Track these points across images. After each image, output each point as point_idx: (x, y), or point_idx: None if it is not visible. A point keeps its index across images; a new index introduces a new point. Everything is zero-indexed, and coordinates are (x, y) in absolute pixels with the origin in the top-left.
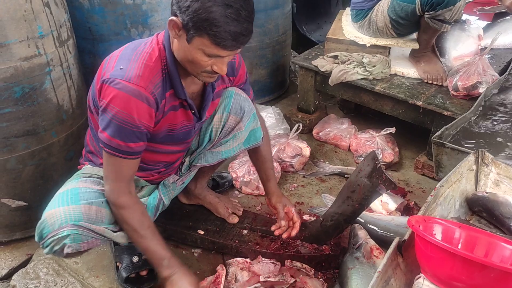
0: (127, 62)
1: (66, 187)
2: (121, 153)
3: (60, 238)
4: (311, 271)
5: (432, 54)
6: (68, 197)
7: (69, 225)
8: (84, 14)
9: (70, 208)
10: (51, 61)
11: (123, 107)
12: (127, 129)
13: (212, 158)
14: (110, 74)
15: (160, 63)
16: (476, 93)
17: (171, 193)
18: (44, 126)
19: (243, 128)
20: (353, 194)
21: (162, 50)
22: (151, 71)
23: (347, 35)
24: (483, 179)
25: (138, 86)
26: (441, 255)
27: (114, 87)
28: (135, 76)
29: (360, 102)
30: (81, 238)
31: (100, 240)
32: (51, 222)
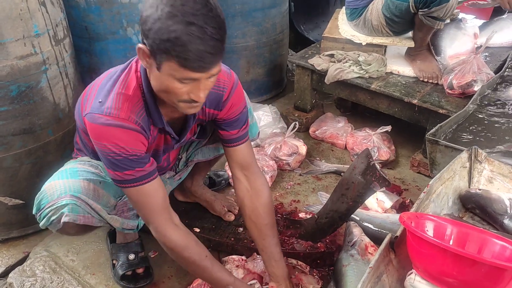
0: (106, 94)
1: (64, 167)
2: (136, 181)
3: (59, 207)
4: (306, 268)
5: (427, 53)
6: (67, 173)
7: (68, 195)
8: (81, 13)
9: (70, 181)
10: (47, 60)
11: (108, 141)
12: (124, 159)
13: (209, 153)
14: (91, 109)
15: (139, 91)
16: (471, 91)
17: (168, 188)
18: (40, 124)
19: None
20: (348, 191)
21: (139, 78)
22: (130, 101)
23: (343, 33)
24: (476, 176)
25: (119, 119)
26: (432, 251)
27: (95, 123)
28: (115, 108)
29: (356, 100)
30: (79, 210)
31: (96, 219)
32: (50, 193)
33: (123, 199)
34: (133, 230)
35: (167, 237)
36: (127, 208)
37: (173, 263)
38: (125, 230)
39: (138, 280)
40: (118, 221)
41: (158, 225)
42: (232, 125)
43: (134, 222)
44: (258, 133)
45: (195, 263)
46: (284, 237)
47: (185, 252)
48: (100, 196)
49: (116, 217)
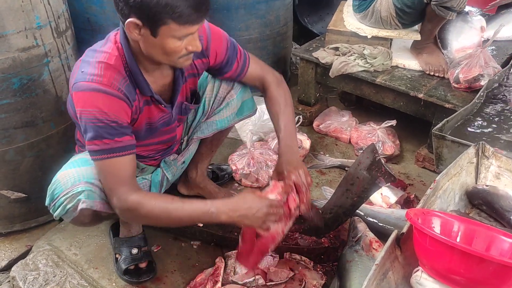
0: (88, 65)
1: (73, 158)
2: (112, 152)
3: (74, 194)
4: (310, 264)
5: (434, 46)
6: (78, 162)
7: (83, 182)
8: (83, 5)
9: (82, 169)
10: (49, 52)
11: (91, 106)
12: (106, 126)
13: (208, 129)
14: (75, 80)
15: (121, 62)
16: (478, 86)
17: (174, 169)
18: (42, 117)
19: (234, 95)
20: (352, 186)
21: (121, 49)
22: (112, 70)
23: (348, 26)
24: (484, 172)
25: (101, 84)
26: (439, 248)
27: (79, 91)
28: (97, 75)
29: (361, 94)
30: (95, 196)
31: (108, 205)
32: (64, 182)
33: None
34: None
35: (130, 199)
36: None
37: (176, 258)
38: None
39: (141, 274)
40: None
41: (122, 193)
42: (228, 62)
43: None
44: (255, 108)
45: (167, 209)
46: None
47: (150, 204)
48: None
49: None
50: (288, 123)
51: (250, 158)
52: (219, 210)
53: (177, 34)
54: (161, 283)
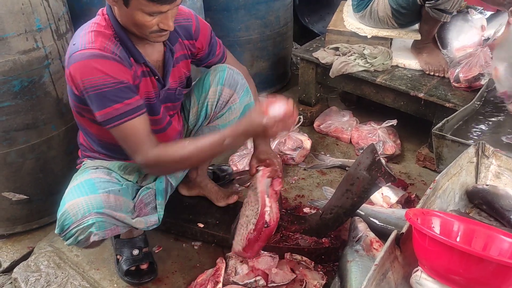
0: (78, 37)
1: (78, 180)
2: (125, 116)
3: (86, 227)
4: (311, 264)
5: (433, 46)
6: (85, 188)
7: (93, 214)
8: (83, 7)
9: (91, 198)
10: (49, 54)
11: (92, 72)
12: (112, 89)
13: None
14: (68, 55)
15: (110, 30)
16: (478, 85)
17: (177, 174)
18: (43, 119)
19: (237, 100)
20: (352, 187)
21: (108, 20)
22: (103, 36)
23: (348, 26)
24: (484, 171)
25: (95, 49)
26: (438, 248)
27: (75, 62)
28: (89, 42)
29: (362, 94)
30: (105, 226)
31: (121, 227)
32: (74, 213)
33: (138, 197)
34: (156, 224)
35: (151, 156)
36: (143, 204)
37: (177, 259)
38: (150, 227)
39: (142, 275)
40: (142, 222)
41: (143, 152)
42: (213, 48)
43: (154, 216)
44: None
45: (185, 153)
46: (288, 232)
47: (169, 153)
48: (122, 204)
49: (139, 219)
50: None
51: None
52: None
53: (146, 9)
54: (162, 284)
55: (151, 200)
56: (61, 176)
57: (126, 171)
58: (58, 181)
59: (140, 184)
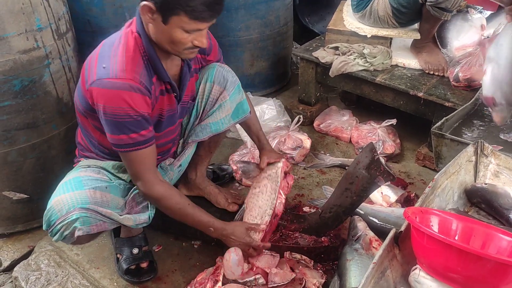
0: (108, 60)
1: (67, 178)
2: (138, 145)
3: (70, 222)
4: (310, 263)
5: (433, 45)
6: (72, 185)
7: (77, 209)
8: (83, 7)
9: (76, 193)
10: (50, 54)
11: (118, 104)
12: (132, 121)
13: (202, 132)
14: (96, 76)
15: (139, 52)
16: (478, 84)
17: (170, 174)
18: (44, 119)
19: (227, 97)
20: (352, 186)
21: (138, 38)
22: (133, 61)
23: (348, 26)
24: (483, 170)
25: (126, 80)
26: (436, 247)
27: (103, 88)
28: (120, 70)
29: (361, 93)
30: (90, 221)
31: (108, 223)
32: (59, 208)
33: (130, 195)
34: (146, 223)
35: (155, 190)
36: (135, 202)
37: (177, 258)
38: (139, 225)
39: (142, 274)
40: (130, 219)
41: (147, 180)
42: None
43: (145, 215)
44: (250, 110)
45: (180, 210)
46: (287, 231)
47: (171, 201)
48: (109, 200)
49: (128, 216)
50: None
51: (250, 158)
52: (215, 230)
53: (186, 27)
54: (162, 282)
55: (143, 200)
56: (61, 175)
57: (120, 170)
58: (58, 180)
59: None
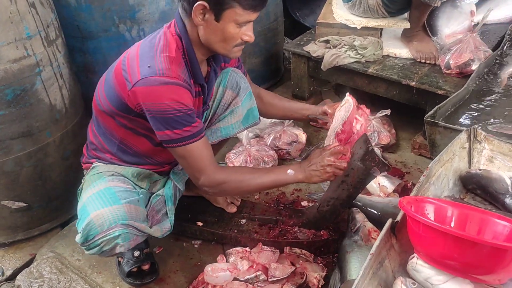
0: (152, 59)
1: (97, 187)
2: (194, 137)
3: (111, 238)
4: (310, 257)
5: (423, 33)
6: (107, 197)
7: (119, 225)
8: (72, 12)
9: (115, 208)
10: (40, 62)
11: (168, 98)
12: (183, 114)
13: (212, 136)
14: (141, 75)
15: (180, 53)
16: (469, 71)
17: (183, 178)
18: (38, 127)
19: (239, 103)
20: (348, 178)
21: (178, 41)
22: (175, 62)
23: (337, 18)
24: (476, 156)
25: (173, 77)
26: (432, 235)
27: (154, 85)
28: (166, 69)
29: (354, 85)
30: (129, 237)
31: (140, 237)
32: (99, 223)
33: (150, 205)
34: (169, 230)
35: (215, 180)
36: (155, 211)
37: (178, 258)
38: (164, 235)
39: (144, 276)
40: (158, 230)
41: (209, 173)
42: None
43: (167, 223)
44: (259, 117)
45: (251, 177)
46: (286, 226)
47: (237, 175)
48: (140, 213)
49: (156, 227)
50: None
51: (247, 155)
52: (295, 170)
53: (240, 19)
54: (164, 283)
55: (162, 207)
56: (59, 182)
57: (138, 178)
58: (56, 187)
59: (151, 191)
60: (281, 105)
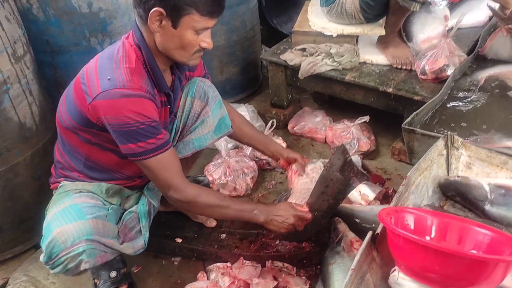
0: (111, 72)
1: (62, 205)
2: (159, 149)
3: (75, 255)
4: (293, 270)
5: (399, 39)
6: (72, 213)
7: (83, 241)
8: (40, 27)
9: (80, 224)
10: (7, 79)
11: (132, 111)
12: (147, 127)
13: (185, 149)
14: (101, 88)
15: (141, 63)
16: (445, 76)
17: (158, 194)
18: (6, 146)
19: (209, 112)
20: (327, 189)
21: (137, 50)
22: (136, 73)
23: (313, 26)
24: (455, 162)
25: (134, 89)
26: (412, 247)
27: (112, 99)
28: (127, 80)
29: (332, 93)
30: (95, 253)
31: (109, 253)
32: (62, 240)
33: (122, 222)
34: (142, 248)
35: (189, 192)
36: (128, 229)
37: (157, 276)
38: (137, 252)
39: None
40: (129, 247)
41: (178, 185)
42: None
43: (140, 240)
44: (231, 125)
45: (219, 204)
46: (267, 239)
47: (207, 198)
48: (109, 229)
49: (127, 245)
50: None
51: (226, 167)
52: (260, 212)
53: (198, 25)
54: None
55: (135, 224)
56: (31, 202)
57: (108, 194)
58: (28, 208)
59: (123, 207)
60: (250, 133)
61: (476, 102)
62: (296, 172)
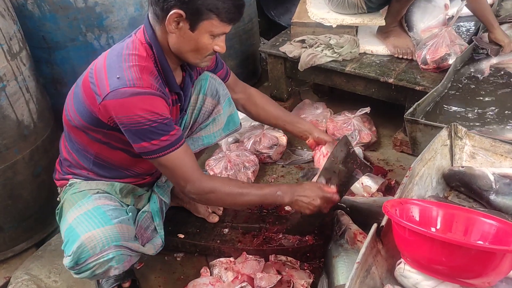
0: (121, 70)
1: (84, 207)
2: (173, 145)
3: (104, 261)
4: (296, 264)
5: (400, 29)
6: (98, 217)
7: (112, 247)
8: (36, 23)
9: (108, 229)
10: (4, 76)
11: (144, 110)
12: (159, 124)
13: (193, 145)
14: (110, 88)
15: (152, 62)
16: (446, 65)
17: (168, 190)
18: (5, 144)
19: (221, 111)
20: (330, 181)
21: (149, 49)
22: (147, 71)
23: (312, 17)
24: (458, 153)
25: (144, 88)
26: (418, 239)
27: (124, 97)
28: (137, 78)
29: (332, 84)
30: (124, 258)
31: (134, 256)
32: (91, 246)
33: (137, 223)
34: (162, 246)
35: (206, 185)
36: (143, 229)
37: (160, 273)
38: (158, 251)
39: None
40: (151, 248)
41: (195, 179)
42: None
43: (158, 239)
44: (240, 122)
45: (239, 192)
46: (270, 233)
47: (226, 188)
48: (131, 232)
49: (149, 245)
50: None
51: (227, 161)
52: (284, 192)
53: (216, 30)
54: None
55: (149, 223)
56: (31, 200)
57: (122, 194)
58: (29, 206)
59: (136, 207)
60: (275, 113)
61: (478, 91)
62: (326, 154)
